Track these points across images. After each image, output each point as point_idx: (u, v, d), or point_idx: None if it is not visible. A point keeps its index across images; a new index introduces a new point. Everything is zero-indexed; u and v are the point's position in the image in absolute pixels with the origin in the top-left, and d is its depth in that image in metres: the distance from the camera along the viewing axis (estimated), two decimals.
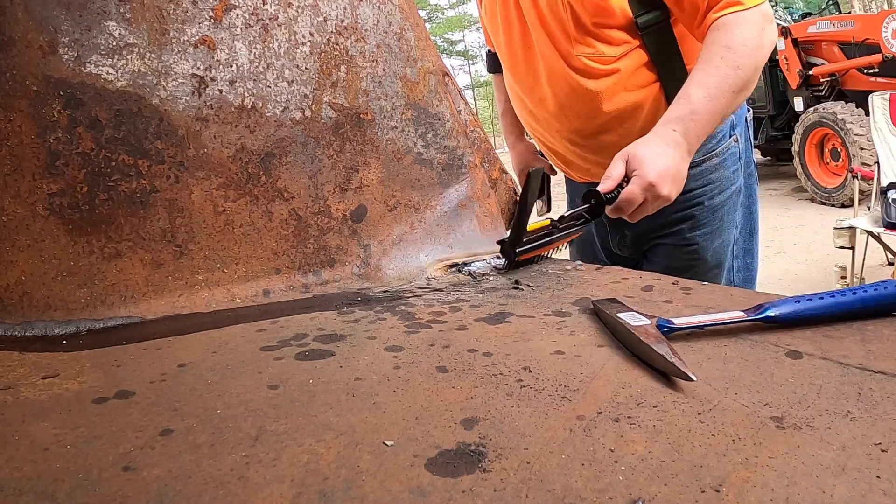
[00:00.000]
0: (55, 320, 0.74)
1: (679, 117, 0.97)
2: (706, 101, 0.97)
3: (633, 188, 0.92)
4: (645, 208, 0.95)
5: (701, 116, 0.97)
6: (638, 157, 0.93)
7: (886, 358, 0.55)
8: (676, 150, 0.95)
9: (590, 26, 1.12)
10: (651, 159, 0.93)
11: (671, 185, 0.94)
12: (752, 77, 1.01)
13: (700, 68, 1.00)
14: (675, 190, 0.95)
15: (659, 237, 1.29)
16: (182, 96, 0.82)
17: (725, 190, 1.25)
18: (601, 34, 1.13)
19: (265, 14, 0.87)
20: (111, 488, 0.42)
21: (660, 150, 0.94)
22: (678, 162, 0.95)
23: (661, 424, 0.46)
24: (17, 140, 0.74)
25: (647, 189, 0.92)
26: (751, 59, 0.99)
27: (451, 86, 1.07)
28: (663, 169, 0.92)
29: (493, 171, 1.11)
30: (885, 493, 0.37)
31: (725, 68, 0.98)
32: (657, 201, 0.94)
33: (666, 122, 0.99)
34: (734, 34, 1.00)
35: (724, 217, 1.26)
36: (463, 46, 35.10)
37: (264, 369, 0.60)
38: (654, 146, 0.95)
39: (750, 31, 1.00)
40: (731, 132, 1.26)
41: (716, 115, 0.99)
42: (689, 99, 0.98)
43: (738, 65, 0.98)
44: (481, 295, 0.82)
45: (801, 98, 7.11)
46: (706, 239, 1.25)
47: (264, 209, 0.87)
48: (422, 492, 0.40)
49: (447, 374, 0.57)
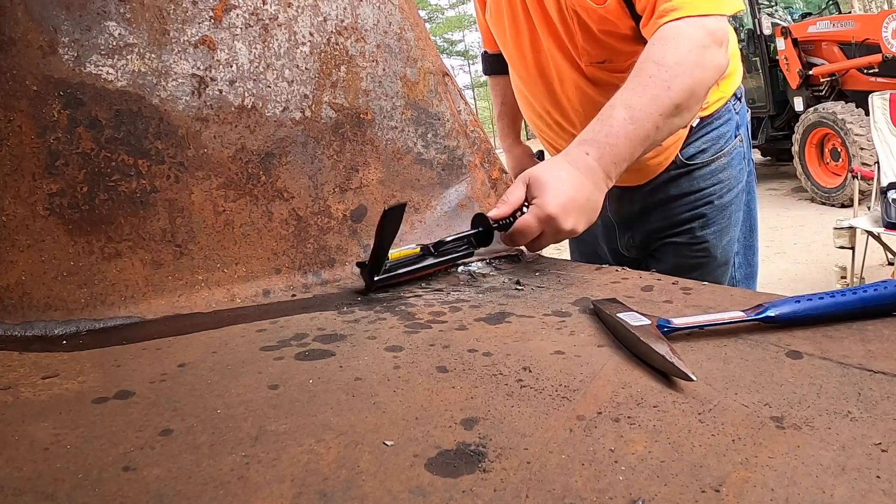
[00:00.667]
0: (55, 320, 0.74)
1: (595, 139, 0.88)
2: (626, 124, 0.87)
3: (529, 218, 0.83)
4: (543, 240, 0.86)
5: (618, 141, 0.87)
6: (540, 181, 0.84)
7: (886, 358, 0.55)
8: (588, 176, 0.85)
9: (598, 35, 1.08)
10: (555, 187, 0.83)
11: (576, 216, 0.84)
12: (685, 100, 0.90)
13: (628, 85, 0.91)
14: (583, 222, 0.85)
15: (669, 236, 1.30)
16: (182, 96, 0.82)
17: (734, 188, 1.27)
18: (610, 43, 1.09)
19: (265, 14, 0.87)
20: (111, 488, 0.42)
21: (566, 177, 0.84)
22: (588, 190, 0.85)
23: (661, 424, 0.46)
24: (17, 140, 0.74)
25: (544, 221, 0.83)
26: (685, 78, 0.88)
27: (451, 86, 1.07)
28: (566, 200, 0.83)
29: (493, 171, 1.11)
30: (885, 493, 0.37)
31: (653, 87, 0.88)
32: (558, 235, 0.84)
33: (580, 142, 0.89)
34: (669, 49, 0.90)
35: (731, 215, 1.27)
36: (463, 46, 35.12)
37: (264, 369, 0.60)
38: (561, 171, 0.85)
39: (688, 48, 0.90)
40: (737, 132, 1.28)
41: (636, 140, 0.88)
42: (610, 120, 0.88)
43: (668, 84, 0.88)
44: (481, 295, 0.82)
45: (801, 98, 7.11)
46: (716, 237, 1.27)
47: (264, 209, 0.87)
48: (422, 492, 0.40)
49: (447, 374, 0.57)
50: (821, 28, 6.90)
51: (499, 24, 1.28)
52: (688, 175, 1.26)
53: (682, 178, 1.26)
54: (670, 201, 1.28)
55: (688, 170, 1.25)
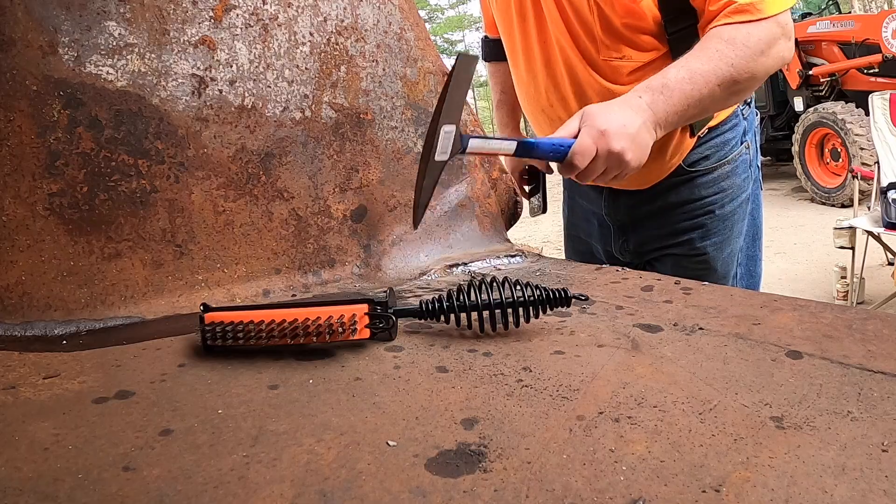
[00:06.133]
0: (55, 320, 0.74)
1: (649, 87, 0.91)
2: (683, 82, 0.90)
3: (583, 138, 0.85)
4: (598, 163, 0.87)
5: (672, 93, 0.90)
6: (590, 111, 0.88)
7: (886, 358, 0.55)
8: (638, 113, 0.88)
9: (620, 28, 1.07)
10: (606, 113, 0.87)
11: (627, 142, 0.86)
12: (744, 80, 0.94)
13: (691, 53, 0.94)
14: (633, 153, 0.87)
15: (667, 247, 1.26)
16: (182, 96, 0.82)
17: (736, 198, 1.22)
18: (631, 38, 1.08)
19: (265, 14, 0.87)
20: (111, 488, 0.42)
21: (617, 108, 0.88)
22: (638, 125, 0.87)
23: (661, 424, 0.46)
24: (17, 140, 0.74)
25: (597, 138, 0.85)
26: (749, 61, 0.93)
27: None
28: (618, 124, 0.85)
29: (493, 171, 1.11)
30: (885, 493, 0.37)
31: (717, 59, 0.92)
32: (609, 156, 0.86)
33: (634, 90, 0.92)
34: (741, 32, 0.94)
35: (733, 226, 1.22)
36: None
37: (264, 369, 0.60)
38: (612, 105, 0.89)
39: (759, 37, 0.94)
40: (743, 139, 1.22)
41: (691, 99, 0.91)
42: (666, 74, 0.92)
43: (731, 62, 0.92)
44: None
45: (801, 98, 7.11)
46: (716, 249, 1.22)
47: (264, 209, 0.87)
48: (422, 492, 0.40)
49: (447, 374, 0.57)
50: (821, 28, 6.90)
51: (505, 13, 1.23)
52: (688, 183, 1.21)
53: (683, 186, 1.21)
54: (669, 209, 1.23)
55: (689, 177, 1.20)
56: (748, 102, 1.25)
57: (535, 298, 0.65)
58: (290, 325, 0.61)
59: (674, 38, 1.07)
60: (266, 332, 0.61)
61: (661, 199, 1.23)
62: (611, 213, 1.32)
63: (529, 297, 0.65)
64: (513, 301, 0.65)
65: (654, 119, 0.90)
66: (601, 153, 0.85)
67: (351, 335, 0.62)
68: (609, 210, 1.32)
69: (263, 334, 0.61)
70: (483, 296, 0.66)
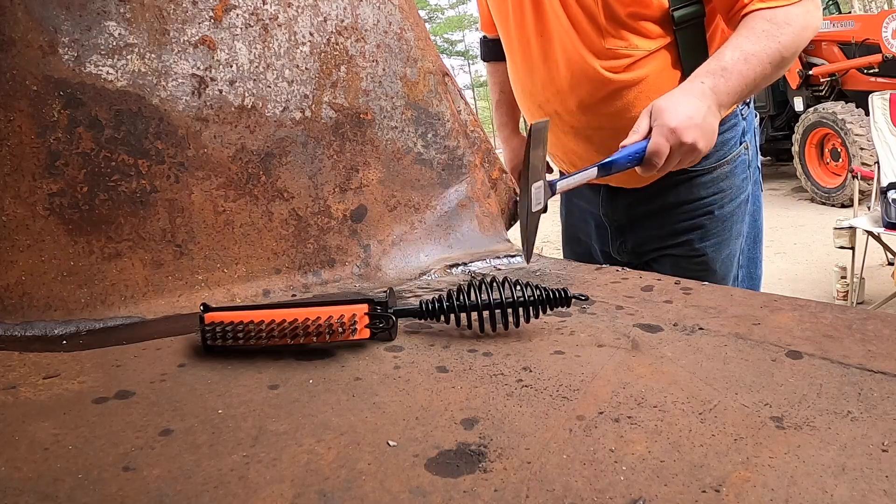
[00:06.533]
0: (55, 320, 0.74)
1: (708, 71, 0.97)
2: (739, 63, 0.96)
3: (656, 138, 0.91)
4: (672, 160, 0.93)
5: (731, 75, 0.96)
6: (658, 107, 0.93)
7: (886, 358, 0.55)
8: (703, 100, 0.93)
9: (624, 17, 1.08)
10: (672, 108, 0.91)
11: (697, 133, 0.91)
12: (790, 55, 1.01)
13: (738, 35, 1.00)
14: (704, 141, 0.93)
15: (665, 247, 1.26)
16: (182, 96, 0.82)
17: (735, 199, 1.22)
18: (636, 26, 1.09)
19: (265, 14, 0.87)
20: (111, 488, 0.42)
21: (683, 100, 0.93)
22: (704, 111, 0.93)
23: (661, 424, 0.46)
24: (17, 140, 0.74)
25: (668, 136, 0.90)
26: (793, 37, 1.00)
27: (451, 86, 1.07)
28: (685, 117, 0.91)
29: (493, 171, 1.11)
30: (885, 493, 0.37)
31: (766, 39, 0.98)
32: (682, 149, 0.91)
33: (694, 76, 0.98)
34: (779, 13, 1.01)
35: (732, 227, 1.23)
36: (463, 46, 35.10)
37: (264, 369, 0.60)
38: (677, 96, 0.94)
39: (797, 12, 1.01)
40: (742, 139, 1.23)
41: (748, 79, 0.97)
42: (722, 57, 0.97)
43: (779, 39, 0.98)
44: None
45: (801, 98, 7.11)
46: (715, 250, 1.22)
47: (264, 209, 0.87)
48: (422, 492, 0.40)
49: (447, 374, 0.57)
50: (821, 28, 6.89)
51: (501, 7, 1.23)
52: (687, 183, 1.20)
53: (681, 186, 1.21)
54: (667, 210, 1.24)
55: (687, 177, 1.20)
56: (747, 103, 1.25)
57: (535, 298, 0.65)
58: (290, 325, 0.61)
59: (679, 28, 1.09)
60: (266, 332, 0.61)
61: (660, 199, 1.23)
62: (608, 214, 1.32)
63: (529, 297, 0.65)
64: (513, 301, 0.65)
65: (718, 101, 0.95)
66: (675, 148, 0.91)
67: (351, 335, 0.62)
68: (607, 210, 1.32)
69: (263, 334, 0.61)
70: (483, 296, 0.66)
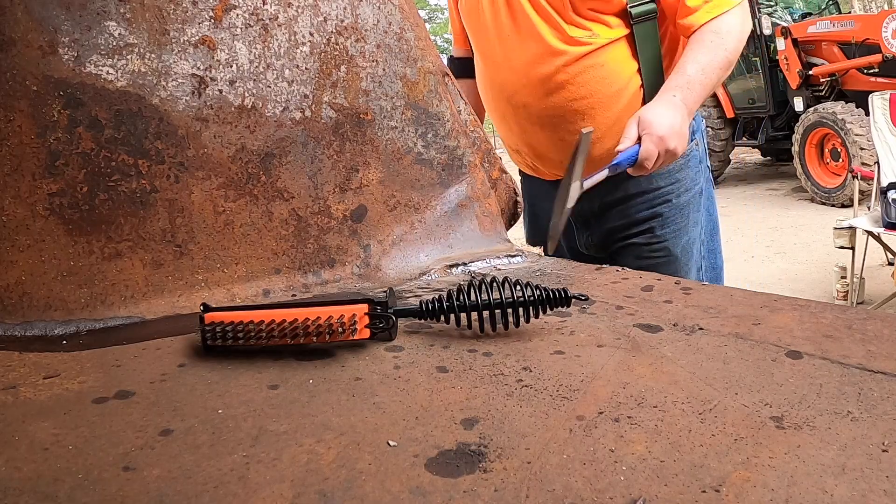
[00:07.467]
0: (55, 320, 0.74)
1: (677, 85, 1.16)
2: (699, 74, 1.16)
3: (647, 146, 1.08)
4: (659, 161, 1.10)
5: (695, 86, 1.16)
6: (646, 119, 1.10)
7: (886, 358, 0.55)
8: (678, 111, 1.12)
9: (585, 11, 1.25)
10: (658, 120, 1.09)
11: (677, 139, 1.10)
12: (735, 57, 1.22)
13: (693, 48, 1.20)
14: (682, 145, 1.11)
15: (628, 237, 1.38)
16: (182, 96, 0.82)
17: (690, 189, 1.37)
18: (598, 18, 1.25)
19: (265, 14, 0.87)
20: (111, 488, 0.42)
21: (664, 112, 1.11)
22: (680, 121, 1.11)
23: (661, 424, 0.46)
24: (17, 140, 0.74)
25: (657, 143, 1.07)
26: (736, 42, 1.21)
27: (451, 86, 1.07)
28: (668, 127, 1.08)
29: (493, 171, 1.11)
30: (885, 493, 0.37)
31: (715, 49, 1.18)
32: (667, 153, 1.09)
33: (666, 90, 1.17)
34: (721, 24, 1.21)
35: (689, 215, 1.38)
36: None
37: (264, 369, 0.60)
38: (659, 109, 1.11)
39: (733, 21, 1.21)
40: (693, 136, 1.35)
41: (707, 87, 1.18)
42: (685, 71, 1.17)
43: (725, 47, 1.19)
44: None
45: (801, 98, 7.10)
46: (674, 236, 1.36)
47: (264, 209, 0.87)
48: (422, 492, 0.40)
49: (447, 374, 0.57)
50: (821, 28, 6.89)
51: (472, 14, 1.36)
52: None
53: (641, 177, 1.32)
54: (629, 199, 1.36)
55: None
56: None
57: (535, 298, 0.65)
58: (290, 325, 0.61)
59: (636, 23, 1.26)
60: (266, 332, 0.61)
61: (622, 190, 1.37)
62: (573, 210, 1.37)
63: (529, 297, 0.65)
64: (513, 301, 0.65)
65: (688, 110, 1.15)
66: (661, 153, 1.09)
67: (351, 335, 0.62)
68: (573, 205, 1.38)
69: (263, 334, 0.61)
70: (483, 296, 0.66)
